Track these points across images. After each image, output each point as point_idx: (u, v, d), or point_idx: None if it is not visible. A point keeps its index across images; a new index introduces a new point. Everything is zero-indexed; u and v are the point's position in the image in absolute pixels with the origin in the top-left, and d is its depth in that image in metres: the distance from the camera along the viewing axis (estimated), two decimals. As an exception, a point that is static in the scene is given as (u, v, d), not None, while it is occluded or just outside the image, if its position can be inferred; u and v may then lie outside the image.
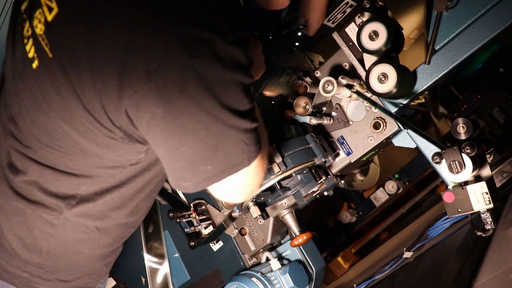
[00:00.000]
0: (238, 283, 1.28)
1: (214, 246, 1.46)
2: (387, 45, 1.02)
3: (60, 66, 0.75)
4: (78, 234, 0.96)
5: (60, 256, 0.97)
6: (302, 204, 1.23)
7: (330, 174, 1.20)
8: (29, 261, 0.95)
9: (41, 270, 0.97)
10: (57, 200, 0.90)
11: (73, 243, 0.97)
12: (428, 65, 1.08)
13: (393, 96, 1.08)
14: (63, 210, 0.91)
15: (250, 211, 1.16)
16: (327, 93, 1.09)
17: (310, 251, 1.39)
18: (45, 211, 0.91)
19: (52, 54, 0.76)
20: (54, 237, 0.94)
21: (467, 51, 1.04)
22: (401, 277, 1.43)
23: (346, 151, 1.21)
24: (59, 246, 0.96)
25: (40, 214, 0.91)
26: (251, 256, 1.40)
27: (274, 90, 1.22)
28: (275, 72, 1.22)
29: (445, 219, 1.51)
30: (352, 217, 2.37)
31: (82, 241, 0.98)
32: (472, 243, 1.25)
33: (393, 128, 1.12)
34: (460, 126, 1.04)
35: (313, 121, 1.16)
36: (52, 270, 0.98)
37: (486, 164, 1.04)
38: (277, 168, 1.08)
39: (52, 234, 0.93)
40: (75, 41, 0.73)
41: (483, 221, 1.04)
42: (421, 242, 1.49)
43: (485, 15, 1.01)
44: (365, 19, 1.09)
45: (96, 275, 1.08)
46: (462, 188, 1.00)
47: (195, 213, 1.38)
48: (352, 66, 1.17)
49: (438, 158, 1.01)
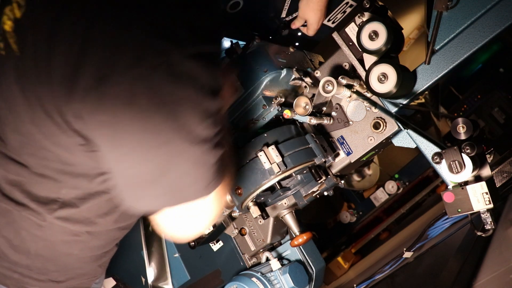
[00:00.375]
0: (238, 283, 1.28)
1: (214, 246, 1.46)
2: (387, 45, 1.02)
3: (25, 65, 0.73)
4: (66, 236, 0.92)
5: (49, 258, 0.94)
6: (302, 204, 1.23)
7: (330, 174, 1.20)
8: (18, 262, 0.92)
9: (31, 271, 0.94)
10: (39, 204, 0.87)
11: (62, 245, 0.94)
12: (428, 65, 1.08)
13: (393, 96, 1.08)
14: (45, 214, 0.87)
15: (250, 211, 1.16)
16: (327, 93, 1.09)
17: (310, 251, 1.39)
18: (31, 213, 0.88)
19: (19, 52, 0.74)
20: (42, 238, 0.91)
21: (467, 51, 1.04)
22: (401, 277, 1.43)
23: (346, 151, 1.21)
24: (48, 248, 0.93)
25: (27, 215, 0.88)
26: (251, 256, 1.40)
27: (274, 90, 1.22)
28: (275, 72, 1.22)
29: (445, 219, 1.51)
30: (352, 217, 2.37)
31: (71, 243, 0.94)
32: (472, 243, 1.25)
33: (393, 128, 1.12)
34: (460, 126, 1.04)
35: (313, 121, 1.16)
36: (43, 271, 0.95)
37: (486, 164, 1.03)
38: (277, 168, 1.08)
39: (39, 236, 0.90)
40: (38, 39, 0.70)
41: (483, 221, 1.04)
42: (421, 242, 1.49)
43: (485, 15, 1.01)
44: (365, 19, 1.09)
45: (90, 275, 1.05)
46: (462, 188, 1.00)
47: (195, 213, 1.38)
48: (352, 66, 1.17)
49: (438, 158, 1.01)
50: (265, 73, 1.17)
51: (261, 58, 1.19)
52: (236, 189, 1.14)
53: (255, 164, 1.11)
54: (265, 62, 1.19)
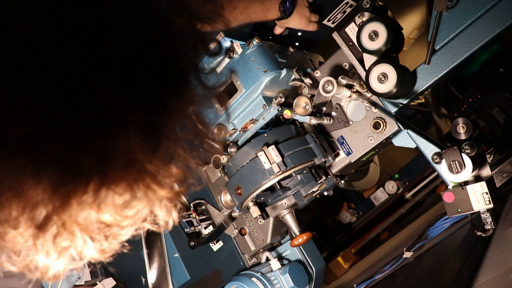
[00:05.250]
0: (238, 283, 1.28)
1: (214, 246, 1.46)
2: (387, 45, 1.02)
3: None
4: None
5: None
6: (302, 204, 1.23)
7: (330, 174, 1.21)
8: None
9: None
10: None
11: None
12: (428, 65, 1.08)
13: (393, 96, 1.08)
14: None
15: (250, 211, 1.16)
16: (327, 93, 1.09)
17: (310, 251, 1.39)
18: None
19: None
20: None
21: (467, 51, 1.04)
22: (401, 277, 1.43)
23: (346, 151, 1.21)
24: None
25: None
26: (251, 256, 1.40)
27: (274, 90, 1.22)
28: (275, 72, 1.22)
29: (445, 219, 1.50)
30: (352, 217, 2.37)
31: None
32: (472, 243, 1.25)
33: (393, 128, 1.12)
34: (460, 126, 1.04)
35: (313, 121, 1.16)
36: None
37: (486, 164, 1.04)
38: (277, 168, 1.08)
39: None
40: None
41: (483, 221, 1.04)
42: (421, 242, 1.49)
43: (485, 15, 1.01)
44: (365, 19, 1.09)
45: None
46: (462, 188, 1.00)
47: (195, 213, 1.38)
48: (352, 66, 1.17)
49: (438, 158, 1.01)
50: (265, 73, 1.17)
51: (261, 58, 1.19)
52: (236, 189, 1.14)
53: (255, 164, 1.11)
54: (265, 62, 1.18)
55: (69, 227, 0.50)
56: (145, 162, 0.51)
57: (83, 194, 0.49)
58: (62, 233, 0.50)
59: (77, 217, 0.50)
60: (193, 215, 1.38)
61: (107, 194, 0.50)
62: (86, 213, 0.50)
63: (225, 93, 1.22)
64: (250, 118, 1.21)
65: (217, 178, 1.36)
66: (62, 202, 0.48)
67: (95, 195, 0.49)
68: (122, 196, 0.51)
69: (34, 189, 0.47)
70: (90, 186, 0.49)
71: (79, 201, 0.49)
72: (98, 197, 0.49)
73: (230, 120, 1.24)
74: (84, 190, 0.49)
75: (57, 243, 0.51)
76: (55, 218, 0.49)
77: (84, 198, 0.49)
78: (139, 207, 0.54)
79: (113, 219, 0.53)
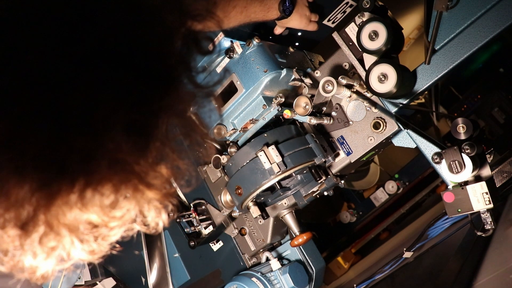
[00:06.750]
0: (238, 283, 1.28)
1: (214, 246, 1.46)
2: (387, 45, 1.02)
3: None
4: None
5: None
6: (302, 204, 1.23)
7: (330, 174, 1.20)
8: None
9: None
10: None
11: None
12: (428, 65, 1.08)
13: (393, 96, 1.08)
14: None
15: (250, 211, 1.16)
16: (327, 93, 1.09)
17: (310, 251, 1.39)
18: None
19: None
20: None
21: (467, 51, 1.04)
22: (401, 277, 1.43)
23: (346, 151, 1.21)
24: None
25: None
26: (251, 256, 1.40)
27: (274, 90, 1.22)
28: (275, 72, 1.22)
29: (445, 219, 1.50)
30: (352, 217, 2.37)
31: None
32: (472, 243, 1.25)
33: (393, 128, 1.12)
34: (460, 126, 1.04)
35: (313, 121, 1.16)
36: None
37: (486, 164, 1.04)
38: (277, 168, 1.08)
39: None
40: None
41: (483, 221, 1.04)
42: (421, 242, 1.49)
43: (485, 15, 1.01)
44: (365, 19, 1.09)
45: None
46: (462, 188, 1.00)
47: (195, 213, 1.38)
48: (352, 66, 1.17)
49: (438, 158, 1.01)
50: (265, 73, 1.17)
51: (261, 58, 1.19)
52: (236, 189, 1.14)
53: (255, 164, 1.11)
54: (265, 62, 1.18)
55: (55, 228, 0.49)
56: (132, 163, 0.50)
57: (68, 194, 0.48)
58: (49, 233, 0.49)
59: (64, 217, 0.49)
60: (193, 215, 1.38)
61: (93, 194, 0.49)
62: (73, 214, 0.49)
63: (225, 93, 1.22)
64: (250, 118, 1.21)
65: (217, 178, 1.36)
66: (47, 202, 0.47)
67: (80, 196, 0.48)
68: (109, 197, 0.50)
69: (17, 188, 0.46)
70: (76, 186, 0.48)
71: (64, 201, 0.48)
72: (84, 198, 0.49)
73: (230, 120, 1.24)
74: (69, 190, 0.48)
75: (44, 243, 0.50)
76: (40, 218, 0.48)
77: (70, 198, 0.48)
78: (128, 208, 0.53)
79: (101, 220, 0.52)
